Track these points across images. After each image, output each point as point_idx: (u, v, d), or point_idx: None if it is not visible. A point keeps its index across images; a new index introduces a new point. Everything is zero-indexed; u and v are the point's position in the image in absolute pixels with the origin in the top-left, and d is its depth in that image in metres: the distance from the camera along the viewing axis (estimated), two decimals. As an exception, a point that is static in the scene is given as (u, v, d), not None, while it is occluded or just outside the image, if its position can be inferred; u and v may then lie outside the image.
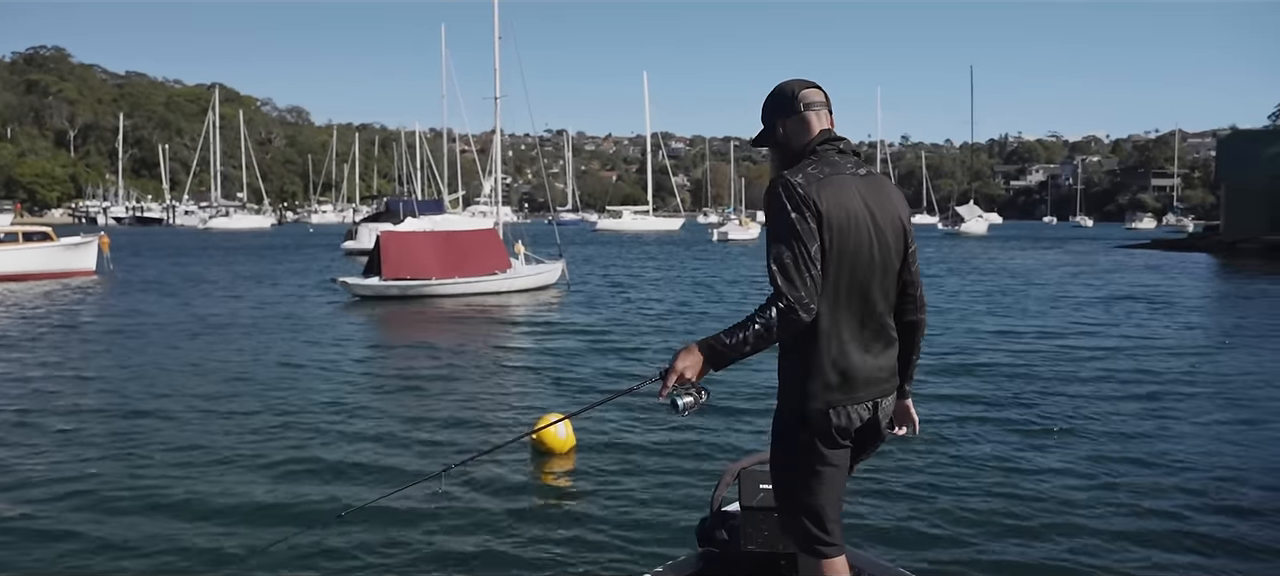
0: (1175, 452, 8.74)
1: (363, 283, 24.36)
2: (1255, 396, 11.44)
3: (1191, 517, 6.91)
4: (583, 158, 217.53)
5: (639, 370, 13.56)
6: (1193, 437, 9.37)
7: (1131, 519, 6.89)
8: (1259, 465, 8.37)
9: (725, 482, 4.11)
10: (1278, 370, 13.42)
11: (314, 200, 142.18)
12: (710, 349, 2.98)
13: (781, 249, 2.97)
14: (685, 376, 2.96)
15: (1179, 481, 7.81)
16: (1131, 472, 8.06)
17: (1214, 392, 11.64)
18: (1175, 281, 31.25)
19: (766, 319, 2.94)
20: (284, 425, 9.85)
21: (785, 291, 2.94)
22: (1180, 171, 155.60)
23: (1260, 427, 9.82)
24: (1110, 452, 8.73)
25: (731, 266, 40.04)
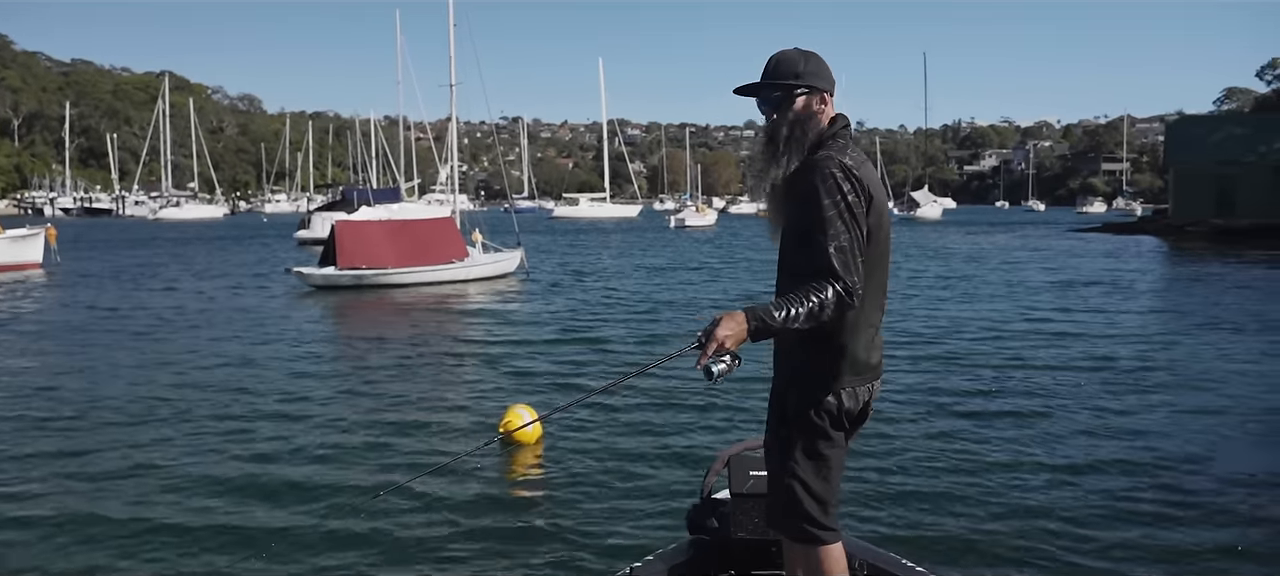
0: (1131, 433, 8.82)
1: (317, 272, 24.00)
2: (1208, 380, 11.60)
3: (1142, 497, 6.97)
4: (539, 145, 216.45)
5: (608, 360, 13.47)
6: (1147, 419, 9.45)
7: (1087, 499, 6.93)
8: (1210, 447, 8.47)
9: (715, 470, 4.07)
10: (1234, 354, 13.62)
11: (267, 189, 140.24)
12: (758, 321, 2.89)
13: (839, 232, 2.93)
14: (725, 345, 2.88)
15: (1131, 461, 7.88)
16: (1091, 453, 8.12)
17: (1168, 376, 11.76)
18: (1128, 265, 31.71)
19: (821, 300, 2.89)
20: (236, 427, 9.44)
21: (843, 276, 2.91)
22: (1129, 156, 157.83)
23: (1219, 414, 9.94)
24: (1071, 433, 8.79)
25: (690, 253, 40.05)
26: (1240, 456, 8.22)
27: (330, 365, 13.26)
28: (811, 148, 3.12)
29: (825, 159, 3.03)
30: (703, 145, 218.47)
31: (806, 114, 3.16)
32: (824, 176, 2.99)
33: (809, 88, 3.17)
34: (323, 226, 41.51)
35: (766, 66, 3.25)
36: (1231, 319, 17.33)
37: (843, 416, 3.12)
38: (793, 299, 2.90)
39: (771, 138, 3.20)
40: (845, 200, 2.96)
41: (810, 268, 2.95)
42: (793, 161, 3.13)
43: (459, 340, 15.58)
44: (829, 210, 2.95)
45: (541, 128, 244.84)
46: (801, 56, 3.21)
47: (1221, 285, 24.20)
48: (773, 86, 3.20)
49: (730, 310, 2.92)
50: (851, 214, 2.96)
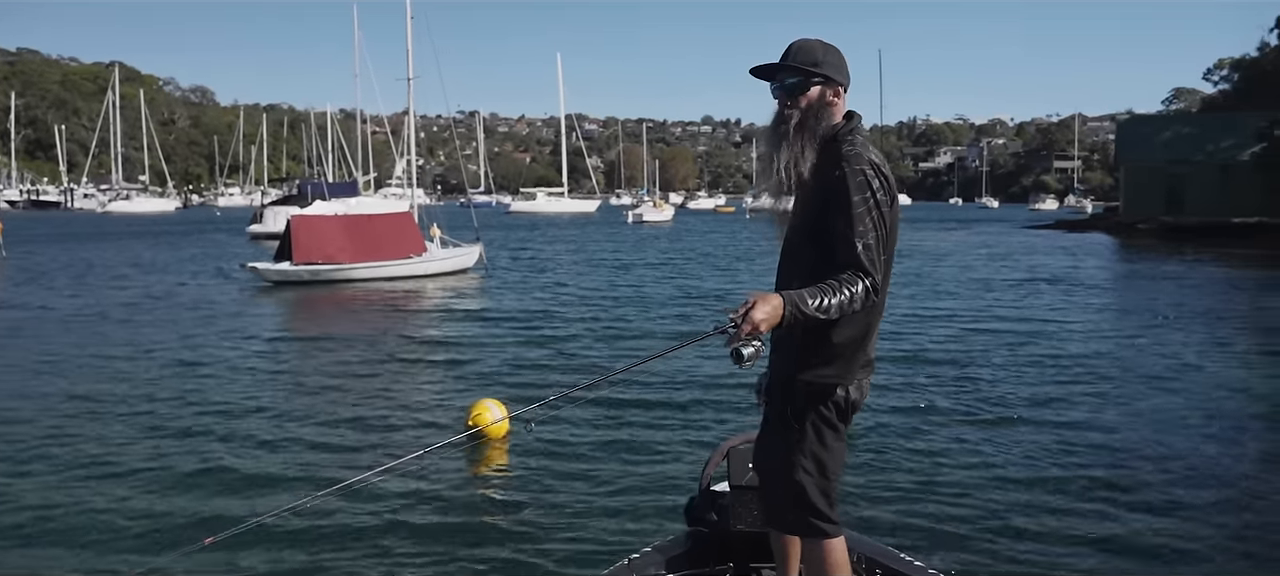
0: (1088, 428, 8.93)
1: (273, 267, 23.66)
2: (1166, 377, 11.78)
3: (1099, 491, 7.05)
4: (496, 139, 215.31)
5: (573, 358, 13.39)
6: (1109, 415, 9.58)
7: (1050, 497, 7.00)
8: (1163, 443, 8.59)
9: (714, 462, 4.07)
10: (1192, 351, 13.83)
11: (220, 183, 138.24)
12: (793, 306, 2.83)
13: (868, 229, 2.92)
14: (760, 329, 2.81)
15: (1092, 456, 7.97)
16: (1052, 449, 8.21)
17: (1125, 374, 11.92)
18: (1082, 262, 32.16)
19: (852, 293, 2.87)
20: (189, 427, 9.22)
21: (872, 272, 2.91)
22: (1081, 154, 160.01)
23: (1174, 411, 10.08)
24: (1033, 430, 8.87)
25: (648, 248, 40.03)
26: (1192, 447, 8.34)
27: (287, 362, 13.06)
28: (824, 139, 3.09)
29: (854, 154, 3.01)
30: (660, 141, 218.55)
31: (821, 104, 3.13)
32: (855, 172, 2.97)
33: (825, 78, 3.14)
34: (276, 221, 40.94)
35: (786, 52, 3.19)
36: (1197, 316, 17.62)
37: (849, 408, 3.13)
38: (826, 289, 2.87)
39: (780, 122, 3.16)
40: (875, 198, 2.96)
41: (838, 261, 2.93)
42: (806, 151, 3.08)
43: (419, 337, 15.42)
44: (859, 206, 2.93)
45: (499, 122, 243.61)
46: (822, 47, 3.18)
47: (1187, 283, 24.61)
48: (791, 69, 3.15)
49: (763, 292, 2.85)
50: (879, 211, 2.96)
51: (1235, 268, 29.44)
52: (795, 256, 3.14)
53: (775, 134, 3.16)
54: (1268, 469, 7.88)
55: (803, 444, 3.11)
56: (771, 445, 3.24)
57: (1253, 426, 9.43)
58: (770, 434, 3.26)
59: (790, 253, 3.18)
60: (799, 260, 3.09)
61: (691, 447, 8.22)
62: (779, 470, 3.18)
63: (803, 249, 3.09)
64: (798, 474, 3.11)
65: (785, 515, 3.22)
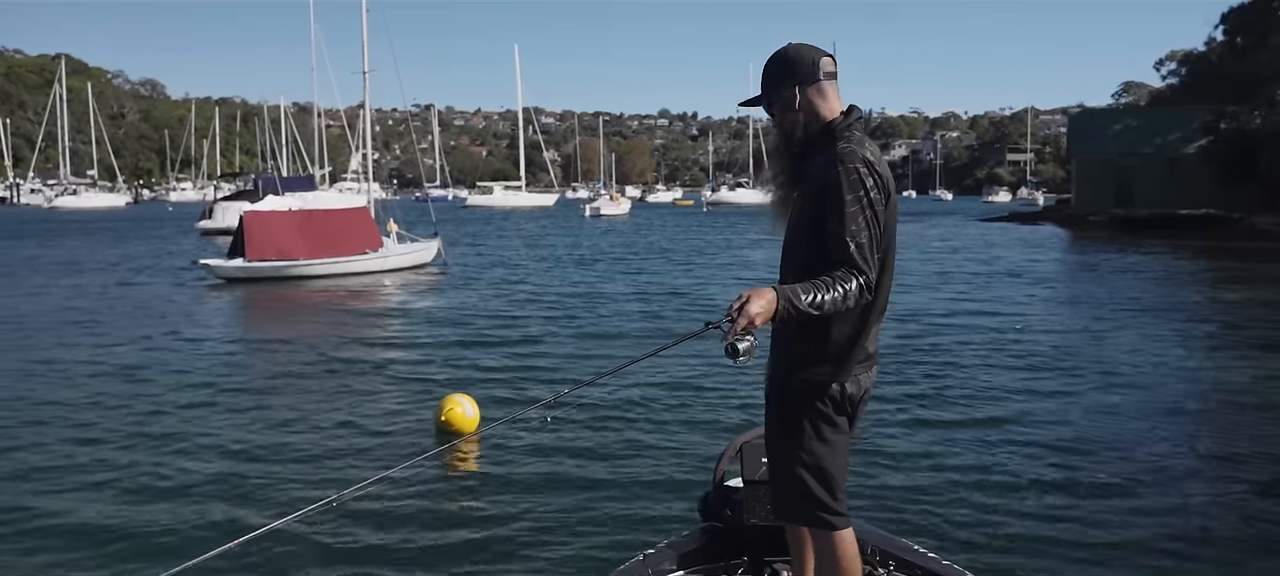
0: (1048, 421, 9.00)
1: (225, 264, 23.29)
2: (1122, 369, 11.93)
3: (1061, 484, 7.11)
4: (452, 132, 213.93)
5: (539, 351, 13.29)
6: (1071, 409, 9.66)
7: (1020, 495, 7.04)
8: (1127, 436, 8.67)
9: (727, 457, 4.08)
10: (1148, 345, 14.02)
11: (172, 177, 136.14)
12: (787, 301, 2.86)
13: (860, 227, 2.97)
14: (755, 323, 2.83)
15: (1055, 448, 8.02)
16: (1022, 442, 8.26)
17: (1088, 367, 12.01)
18: (1040, 255, 32.55)
19: (846, 290, 2.92)
20: (139, 436, 8.86)
21: (865, 270, 2.95)
22: (1033, 147, 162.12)
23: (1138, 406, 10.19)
24: (1000, 425, 8.92)
25: (606, 241, 39.96)
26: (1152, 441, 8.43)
27: (242, 365, 12.78)
28: (821, 137, 3.16)
29: (848, 152, 3.05)
30: (617, 134, 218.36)
31: (808, 107, 3.19)
32: (848, 170, 3.01)
33: (799, 83, 3.19)
34: (226, 216, 40.32)
35: (762, 74, 3.30)
36: (1157, 311, 17.88)
37: (846, 402, 3.16)
38: (820, 285, 2.91)
39: (788, 140, 3.26)
40: (867, 196, 3.00)
41: (831, 259, 2.97)
42: (805, 155, 3.18)
43: (379, 336, 15.24)
44: (851, 205, 2.98)
45: (455, 115, 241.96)
46: (780, 58, 3.25)
47: (1145, 275, 24.98)
48: (767, 93, 3.27)
49: (758, 287, 2.88)
50: (872, 210, 3.00)
51: (1188, 260, 29.93)
52: (793, 253, 3.19)
53: (773, 142, 3.32)
54: (1227, 465, 7.96)
55: (801, 439, 3.16)
56: (773, 442, 3.31)
57: (1217, 419, 9.55)
58: (771, 430, 3.32)
59: (788, 250, 3.24)
60: (796, 256, 3.14)
61: (705, 443, 8.26)
62: (781, 465, 3.25)
63: (799, 245, 3.14)
64: (798, 468, 3.17)
65: (792, 508, 3.28)
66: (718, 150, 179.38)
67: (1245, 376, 11.49)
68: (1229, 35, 54.00)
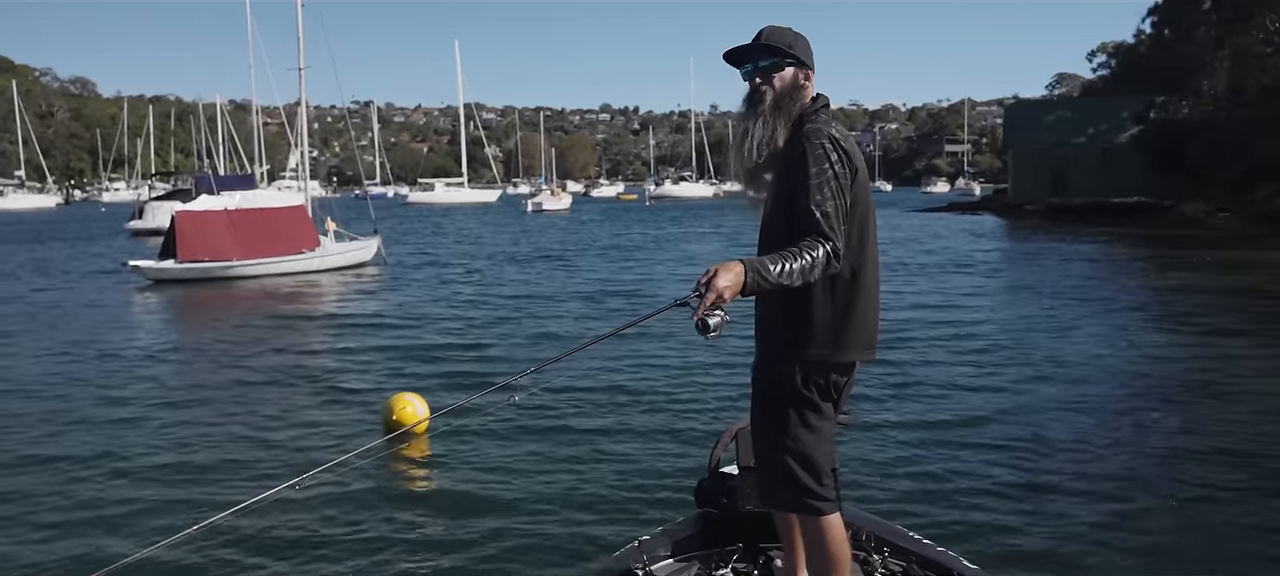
0: (992, 411, 9.05)
1: (156, 266, 22.70)
2: (1064, 359, 12.06)
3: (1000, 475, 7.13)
4: (392, 129, 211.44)
5: (485, 344, 13.10)
6: (1039, 398, 9.73)
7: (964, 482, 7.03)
8: (1068, 427, 8.73)
9: (723, 444, 4.10)
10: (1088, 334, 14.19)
11: (105, 177, 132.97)
12: (755, 273, 2.87)
13: (825, 197, 3.01)
14: (723, 297, 2.84)
15: (997, 442, 8.05)
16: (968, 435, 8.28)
17: (1049, 357, 12.04)
18: (985, 245, 32.95)
19: (814, 258, 2.93)
20: (64, 446, 8.50)
21: (831, 236, 2.97)
22: (970, 138, 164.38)
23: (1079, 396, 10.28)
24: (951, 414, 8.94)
25: (548, 236, 39.72)
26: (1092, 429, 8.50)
27: (173, 369, 12.37)
28: (795, 120, 3.20)
29: (814, 130, 3.12)
30: (559, 129, 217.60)
31: (793, 85, 3.25)
32: (813, 145, 3.07)
33: (797, 60, 3.26)
34: (158, 216, 39.42)
35: (757, 37, 3.31)
36: (1096, 300, 18.15)
37: (830, 387, 3.19)
38: (787, 255, 2.92)
39: (754, 102, 3.27)
40: (832, 169, 3.04)
41: (799, 230, 3.00)
42: (778, 130, 3.20)
43: (314, 337, 14.90)
44: (815, 177, 3.02)
45: (395, 112, 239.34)
46: (792, 34, 3.31)
47: (1092, 262, 25.35)
48: (766, 50, 3.26)
49: (726, 261, 2.87)
50: (838, 182, 3.04)
51: (1126, 248, 30.40)
52: (770, 234, 3.21)
53: (751, 112, 3.27)
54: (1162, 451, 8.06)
55: (786, 425, 3.19)
56: (759, 428, 3.33)
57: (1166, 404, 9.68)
58: (757, 418, 3.34)
59: (764, 231, 3.28)
60: (773, 237, 3.15)
61: (701, 430, 8.25)
62: (767, 452, 3.28)
63: (778, 227, 3.15)
64: (784, 455, 3.20)
65: (779, 494, 3.30)
66: (660, 144, 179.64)
67: (1197, 361, 11.63)
68: (1157, 27, 55.15)
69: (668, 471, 7.27)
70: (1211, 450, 7.80)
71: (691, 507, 4.18)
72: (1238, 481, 7.00)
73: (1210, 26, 46.11)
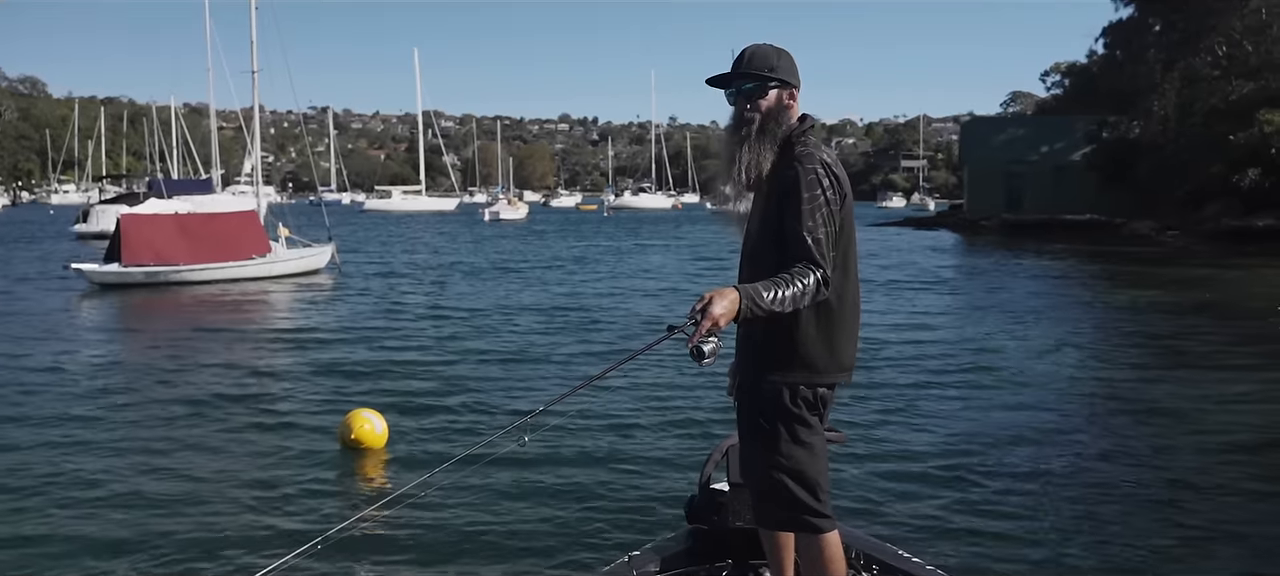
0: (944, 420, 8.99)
1: (100, 269, 22.15)
2: (1025, 369, 12.10)
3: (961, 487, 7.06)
4: (350, 136, 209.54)
5: (440, 354, 12.81)
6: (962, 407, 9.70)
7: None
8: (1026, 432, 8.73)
9: (713, 460, 4.09)
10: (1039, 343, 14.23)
11: (54, 179, 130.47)
12: (750, 300, 2.87)
13: (817, 223, 3.02)
14: (719, 324, 2.84)
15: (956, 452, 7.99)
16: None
17: (1024, 374, 12.03)
18: (949, 261, 33.14)
19: (805, 285, 2.94)
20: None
21: (821, 263, 2.98)
22: (926, 154, 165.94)
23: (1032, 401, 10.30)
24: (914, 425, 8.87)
25: (504, 246, 39.40)
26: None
27: (115, 380, 11.81)
28: (782, 142, 3.19)
29: (806, 154, 3.12)
30: (517, 138, 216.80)
31: (778, 107, 3.22)
32: (806, 171, 3.07)
33: (781, 82, 3.23)
34: (104, 219, 38.68)
35: (739, 58, 3.28)
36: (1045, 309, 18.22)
37: (819, 402, 3.18)
38: (780, 282, 2.92)
39: (739, 126, 3.24)
40: (825, 195, 3.05)
41: (788, 256, 3.01)
42: (764, 153, 3.18)
43: (261, 348, 14.49)
44: (808, 203, 3.03)
45: (352, 118, 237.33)
46: (775, 52, 3.27)
47: (1053, 280, 25.51)
48: (747, 76, 3.24)
49: (719, 288, 2.87)
50: (829, 208, 3.05)
51: (1084, 263, 30.64)
52: (757, 259, 3.19)
53: (736, 137, 3.24)
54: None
55: (777, 444, 3.16)
56: (748, 448, 3.31)
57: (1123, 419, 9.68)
58: (746, 437, 3.31)
59: (751, 255, 3.26)
60: (762, 262, 3.12)
61: (693, 447, 8.22)
62: (760, 472, 3.23)
63: (767, 251, 3.13)
64: (778, 474, 3.16)
65: (775, 515, 3.28)
66: (618, 155, 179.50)
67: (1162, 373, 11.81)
68: (1109, 49, 55.96)
69: (657, 487, 7.24)
70: (1192, 465, 7.87)
71: (681, 523, 4.16)
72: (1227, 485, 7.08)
73: (1160, 49, 46.84)
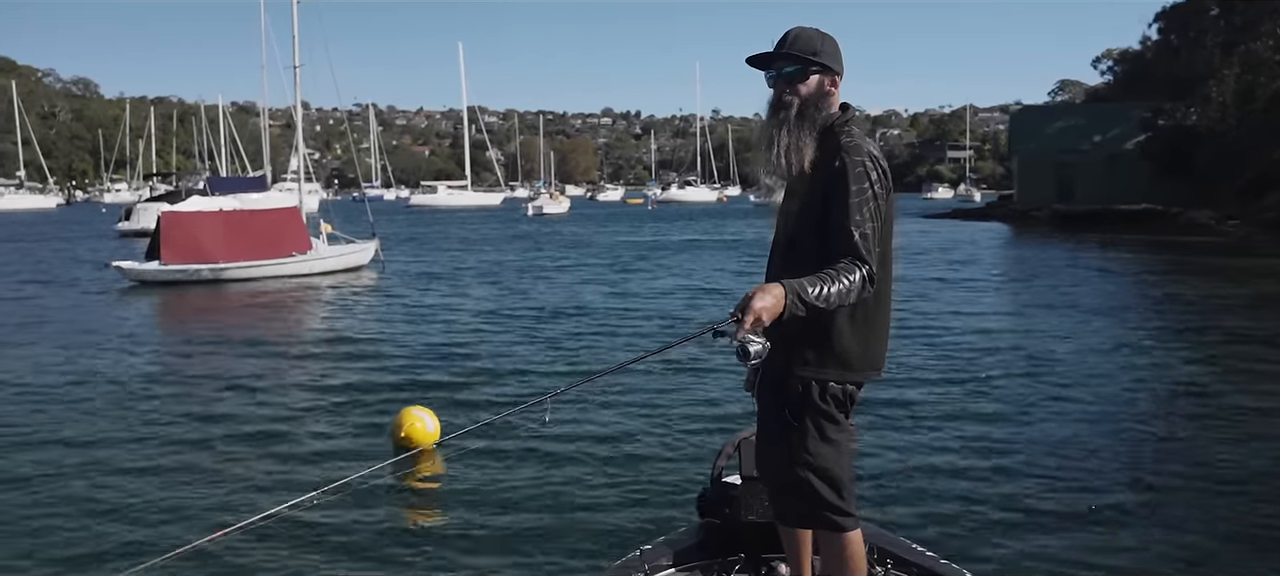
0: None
1: (140, 267, 22.18)
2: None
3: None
4: (394, 132, 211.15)
5: (484, 354, 12.49)
6: (1071, 413, 9.23)
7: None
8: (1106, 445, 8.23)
9: (725, 454, 4.07)
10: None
11: (107, 178, 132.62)
12: (795, 296, 2.79)
13: (864, 218, 2.94)
14: (762, 320, 2.75)
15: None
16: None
17: (1082, 372, 11.53)
18: (991, 253, 32.38)
19: (852, 282, 2.86)
20: (36, 457, 7.97)
21: (868, 260, 2.91)
22: (972, 144, 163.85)
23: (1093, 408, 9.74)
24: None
25: (549, 243, 39.13)
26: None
27: (152, 377, 11.66)
28: (823, 129, 3.09)
29: (853, 145, 3.02)
30: (561, 133, 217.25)
31: (819, 93, 3.13)
32: (853, 162, 2.98)
33: (823, 67, 3.12)
34: (147, 217, 38.95)
35: (782, 40, 3.17)
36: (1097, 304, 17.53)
37: (847, 399, 3.11)
38: (825, 278, 2.84)
39: (779, 110, 3.13)
40: (872, 188, 2.97)
41: (832, 250, 2.93)
42: (804, 140, 3.08)
43: (302, 343, 14.25)
44: (856, 196, 2.94)
45: (397, 115, 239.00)
46: (819, 36, 3.16)
47: (1117, 274, 24.75)
48: (789, 58, 3.13)
49: (763, 284, 2.81)
50: (876, 202, 2.97)
51: (1148, 254, 29.65)
52: (796, 248, 3.10)
53: (774, 121, 3.14)
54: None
55: (805, 441, 3.09)
56: (772, 443, 3.22)
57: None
58: (770, 432, 3.23)
59: (788, 244, 3.16)
60: (802, 252, 3.05)
61: (705, 440, 8.16)
62: (784, 468, 3.16)
63: (806, 241, 3.06)
64: (803, 471, 3.10)
65: (798, 511, 3.22)
66: (661, 149, 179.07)
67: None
68: (1164, 34, 54.63)
69: (670, 481, 7.20)
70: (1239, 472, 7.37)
71: (694, 517, 4.12)
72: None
73: (1219, 33, 45.64)
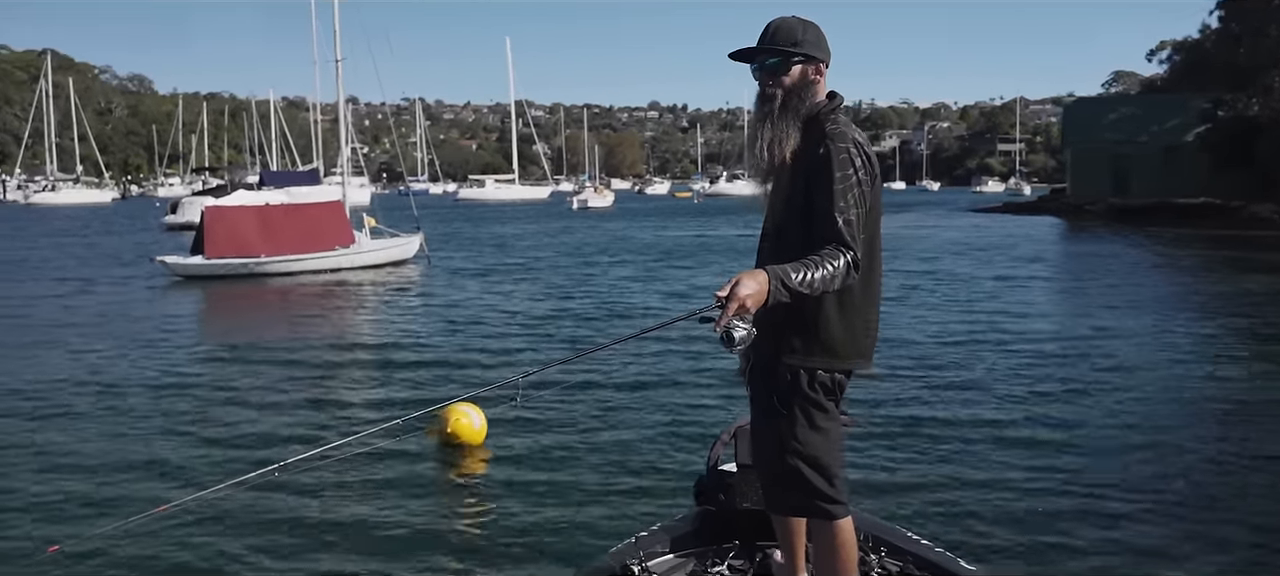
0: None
1: (185, 262, 22.28)
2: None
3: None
4: (441, 126, 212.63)
5: (520, 349, 12.28)
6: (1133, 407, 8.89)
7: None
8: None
9: (722, 442, 4.07)
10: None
11: (160, 172, 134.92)
12: (779, 281, 2.76)
13: (849, 205, 2.94)
14: (746, 305, 2.71)
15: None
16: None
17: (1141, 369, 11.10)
18: (1044, 248, 31.61)
19: (835, 268, 2.85)
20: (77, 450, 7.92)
21: (852, 245, 2.90)
22: (1023, 137, 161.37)
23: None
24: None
25: (595, 235, 38.90)
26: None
27: (191, 371, 11.54)
28: (808, 119, 3.09)
29: (837, 133, 3.02)
30: (607, 126, 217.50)
31: (803, 83, 3.12)
32: (837, 150, 2.98)
33: (806, 56, 3.11)
34: (191, 212, 39.29)
35: (764, 32, 3.18)
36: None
37: (836, 387, 3.11)
38: (809, 264, 2.83)
39: (764, 103, 3.14)
40: (857, 175, 2.97)
41: (818, 237, 2.92)
42: (788, 131, 3.08)
43: (345, 336, 14.14)
44: (840, 183, 2.94)
45: (444, 109, 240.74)
46: (800, 25, 3.15)
47: (1177, 270, 24.03)
48: (770, 51, 3.13)
49: (748, 270, 2.79)
50: (861, 189, 2.97)
51: (1212, 249, 28.82)
52: (784, 237, 3.09)
53: (759, 114, 3.16)
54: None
55: (793, 429, 3.08)
56: (762, 432, 3.23)
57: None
58: (759, 421, 3.25)
59: (775, 234, 3.15)
60: (790, 240, 3.03)
61: (701, 428, 8.19)
62: (774, 457, 3.16)
63: (793, 229, 3.05)
64: (793, 459, 3.10)
65: (789, 500, 3.22)
66: (707, 142, 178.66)
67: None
68: (1224, 23, 53.23)
69: (666, 469, 7.24)
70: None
71: (689, 504, 4.13)
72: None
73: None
